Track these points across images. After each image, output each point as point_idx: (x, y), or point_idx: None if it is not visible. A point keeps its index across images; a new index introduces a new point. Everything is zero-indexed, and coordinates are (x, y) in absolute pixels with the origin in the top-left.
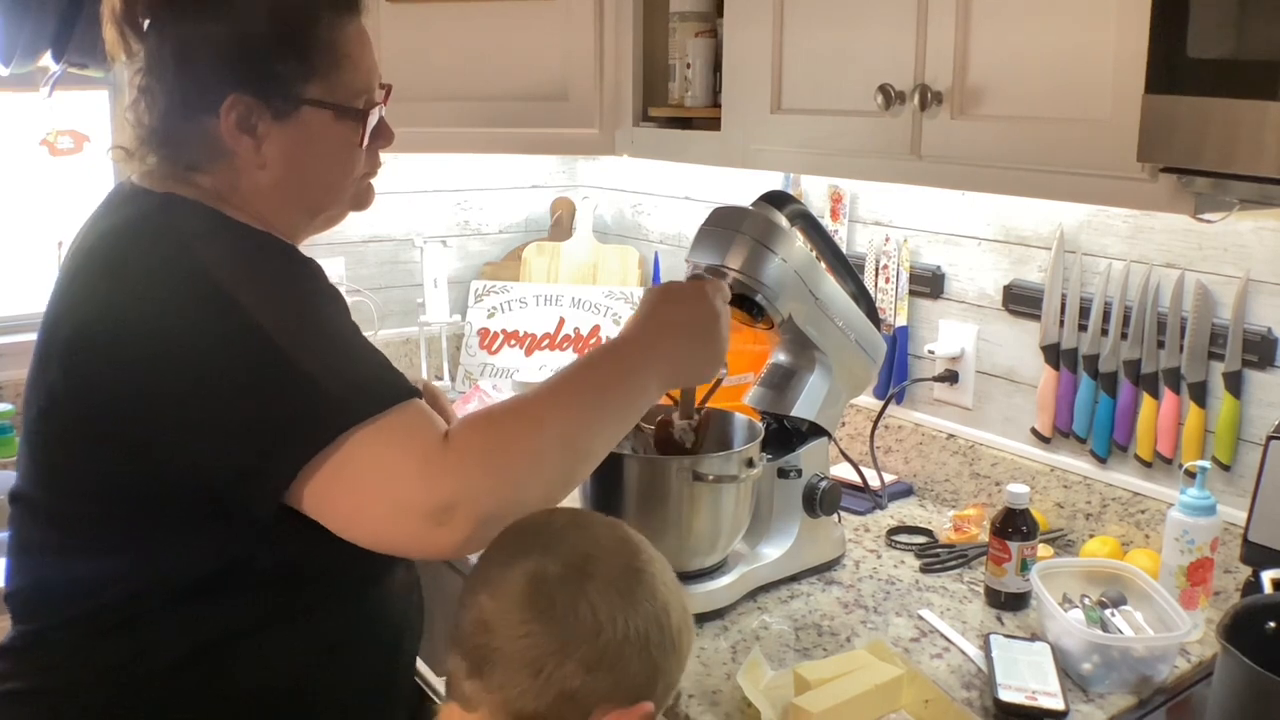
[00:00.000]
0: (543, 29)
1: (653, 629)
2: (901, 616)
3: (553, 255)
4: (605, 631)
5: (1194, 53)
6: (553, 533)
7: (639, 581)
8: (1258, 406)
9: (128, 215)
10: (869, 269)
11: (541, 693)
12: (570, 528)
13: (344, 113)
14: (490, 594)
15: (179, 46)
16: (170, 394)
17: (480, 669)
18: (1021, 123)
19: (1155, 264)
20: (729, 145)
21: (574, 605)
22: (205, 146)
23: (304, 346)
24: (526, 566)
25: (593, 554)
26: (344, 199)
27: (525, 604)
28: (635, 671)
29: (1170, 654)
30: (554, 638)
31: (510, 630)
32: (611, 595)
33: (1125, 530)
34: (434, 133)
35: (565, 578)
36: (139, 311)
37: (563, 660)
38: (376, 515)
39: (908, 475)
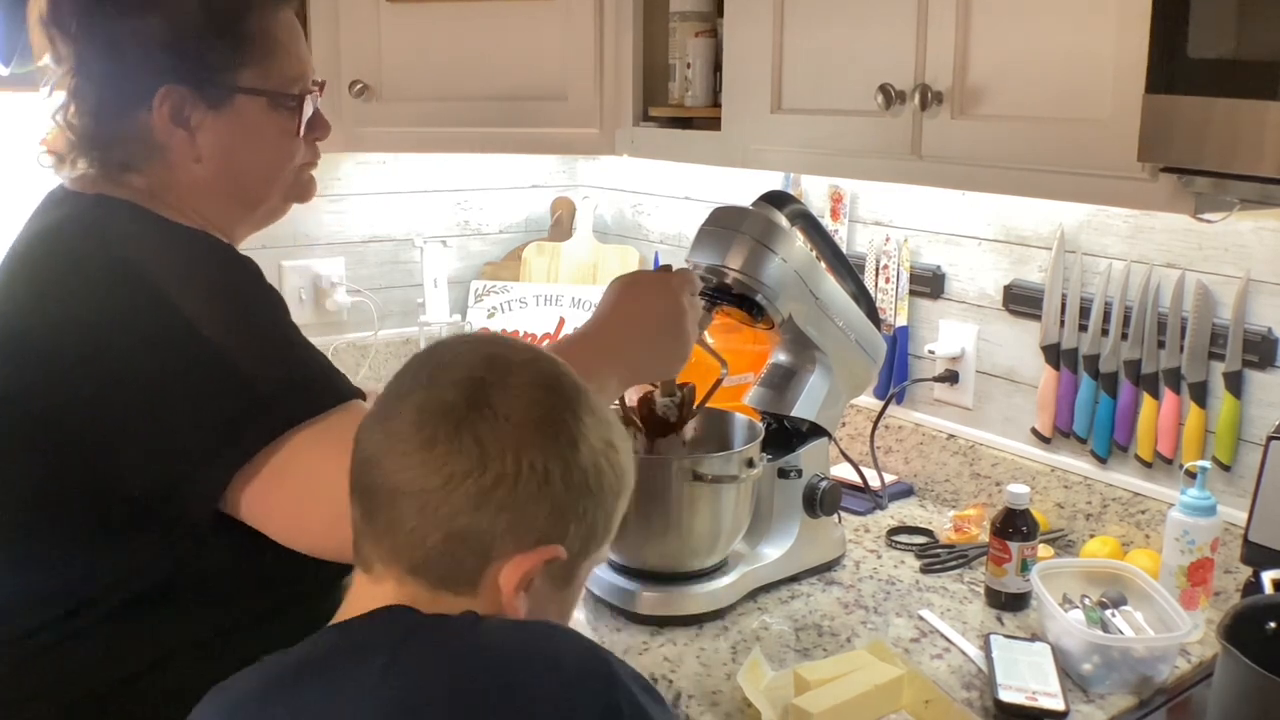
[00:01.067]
0: (542, 29)
1: (554, 464)
2: (902, 617)
3: (553, 255)
4: (494, 465)
5: (1194, 53)
6: (457, 361)
7: (545, 413)
8: (1258, 407)
9: (59, 218)
10: (869, 269)
11: (428, 533)
12: (474, 355)
13: (279, 100)
14: (381, 426)
15: (109, 41)
16: (102, 397)
17: (370, 513)
18: (1022, 123)
19: (1155, 264)
20: (729, 145)
21: (457, 435)
22: (138, 144)
23: (240, 347)
24: (418, 397)
25: (491, 382)
26: (282, 191)
27: (410, 434)
28: (534, 512)
29: (1170, 654)
30: (436, 470)
31: (393, 462)
32: (504, 426)
33: (1125, 530)
34: (434, 133)
35: (455, 406)
36: (70, 314)
37: (447, 495)
38: (316, 521)
39: (908, 475)
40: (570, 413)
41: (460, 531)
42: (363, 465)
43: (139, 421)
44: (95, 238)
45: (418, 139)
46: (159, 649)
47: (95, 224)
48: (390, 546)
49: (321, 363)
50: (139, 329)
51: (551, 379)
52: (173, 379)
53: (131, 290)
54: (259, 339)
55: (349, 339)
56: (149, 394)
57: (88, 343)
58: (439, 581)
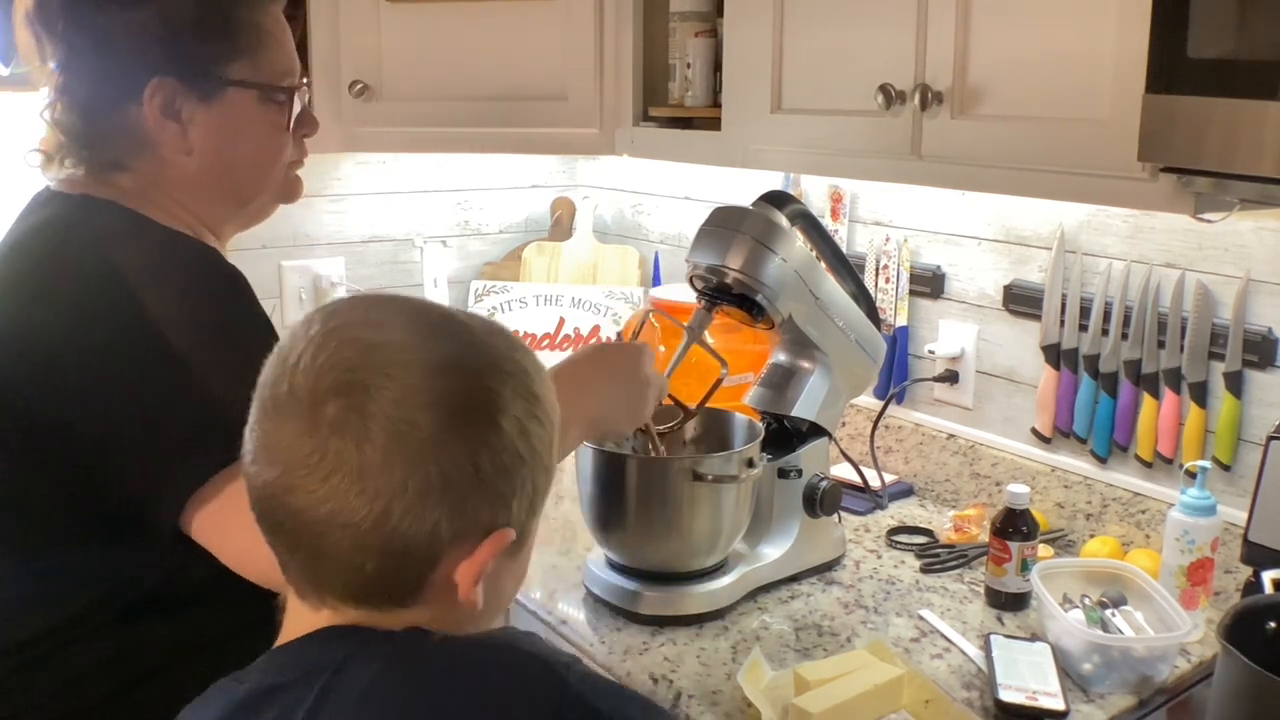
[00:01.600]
0: (542, 29)
1: (482, 454)
2: (902, 617)
3: (553, 255)
4: (416, 477)
5: (1194, 53)
6: (336, 360)
7: (454, 405)
8: (1258, 406)
9: (43, 218)
10: (869, 269)
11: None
12: (351, 348)
13: (269, 93)
14: (272, 448)
15: (99, 36)
16: (76, 404)
17: (292, 547)
18: (1022, 123)
19: (1155, 264)
20: (729, 145)
21: (366, 453)
22: (128, 140)
23: (211, 365)
24: (304, 408)
25: (376, 385)
26: (271, 187)
27: (313, 459)
28: (475, 506)
29: (1170, 654)
30: (356, 496)
31: (304, 497)
32: (412, 433)
33: (1125, 530)
34: (434, 133)
35: (349, 420)
36: (50, 317)
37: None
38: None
39: (908, 475)
40: (481, 392)
41: (399, 550)
42: (268, 498)
43: (108, 432)
44: (78, 240)
45: (418, 139)
46: (153, 658)
47: (79, 225)
48: (323, 576)
49: None
50: (112, 337)
51: (447, 361)
52: (141, 391)
53: (110, 297)
54: (231, 358)
55: None
56: (117, 405)
57: (65, 348)
58: (383, 599)
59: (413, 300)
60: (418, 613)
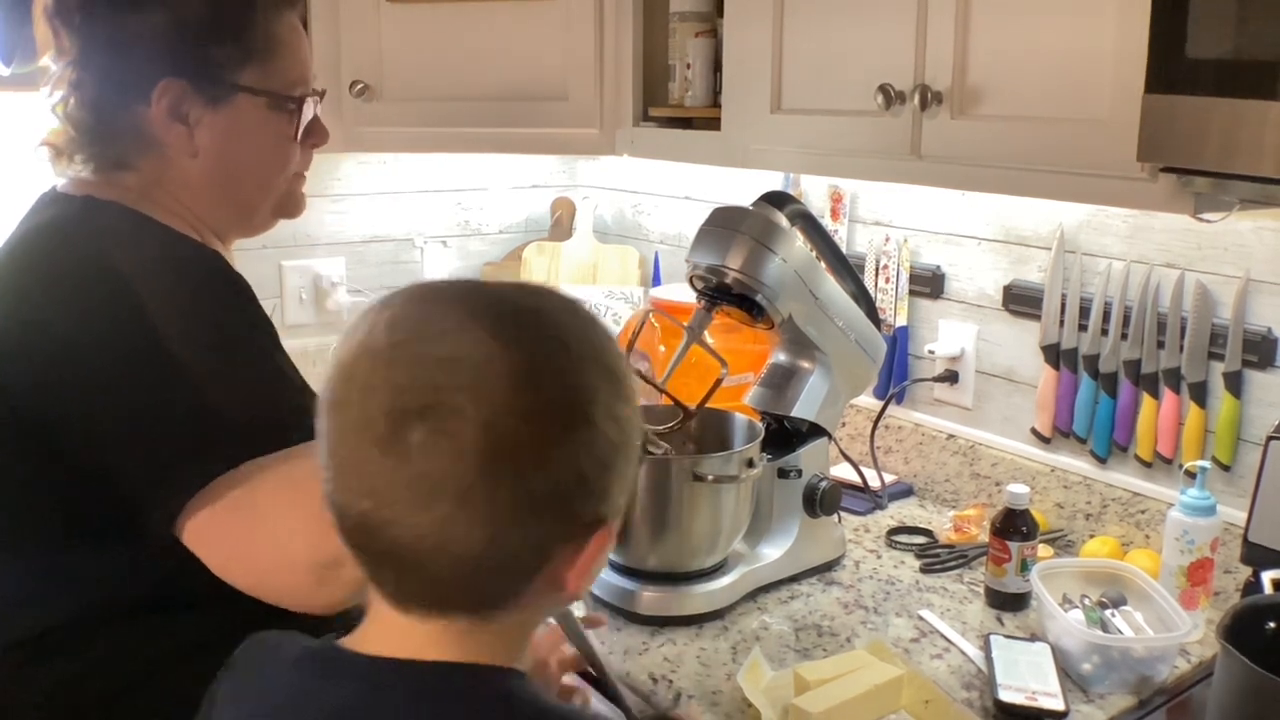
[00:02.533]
0: (543, 29)
1: (585, 460)
2: (901, 617)
3: (553, 255)
4: (524, 491)
5: (1194, 53)
6: (418, 380)
7: (553, 414)
8: (1258, 406)
9: (45, 219)
10: (869, 269)
11: (471, 577)
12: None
13: (278, 102)
14: (366, 476)
15: (113, 33)
16: (71, 404)
17: (392, 571)
18: (1021, 123)
19: (1155, 264)
20: (729, 145)
21: (454, 471)
22: (135, 138)
23: (212, 372)
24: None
25: (456, 405)
26: (275, 196)
27: (416, 486)
28: (579, 510)
29: (1170, 654)
30: (464, 523)
31: (406, 529)
32: (518, 448)
33: (1125, 530)
34: (434, 133)
35: (433, 434)
36: (50, 317)
37: (486, 545)
38: (260, 562)
39: (908, 475)
40: (570, 393)
41: (506, 565)
42: (365, 530)
43: (105, 435)
44: (80, 241)
45: (418, 139)
46: (150, 660)
47: (81, 226)
48: (423, 595)
49: (294, 399)
50: (112, 340)
51: (531, 366)
52: (140, 395)
53: (109, 299)
54: (232, 366)
55: None
56: (114, 408)
57: (64, 349)
58: (490, 606)
59: (473, 294)
60: (516, 614)
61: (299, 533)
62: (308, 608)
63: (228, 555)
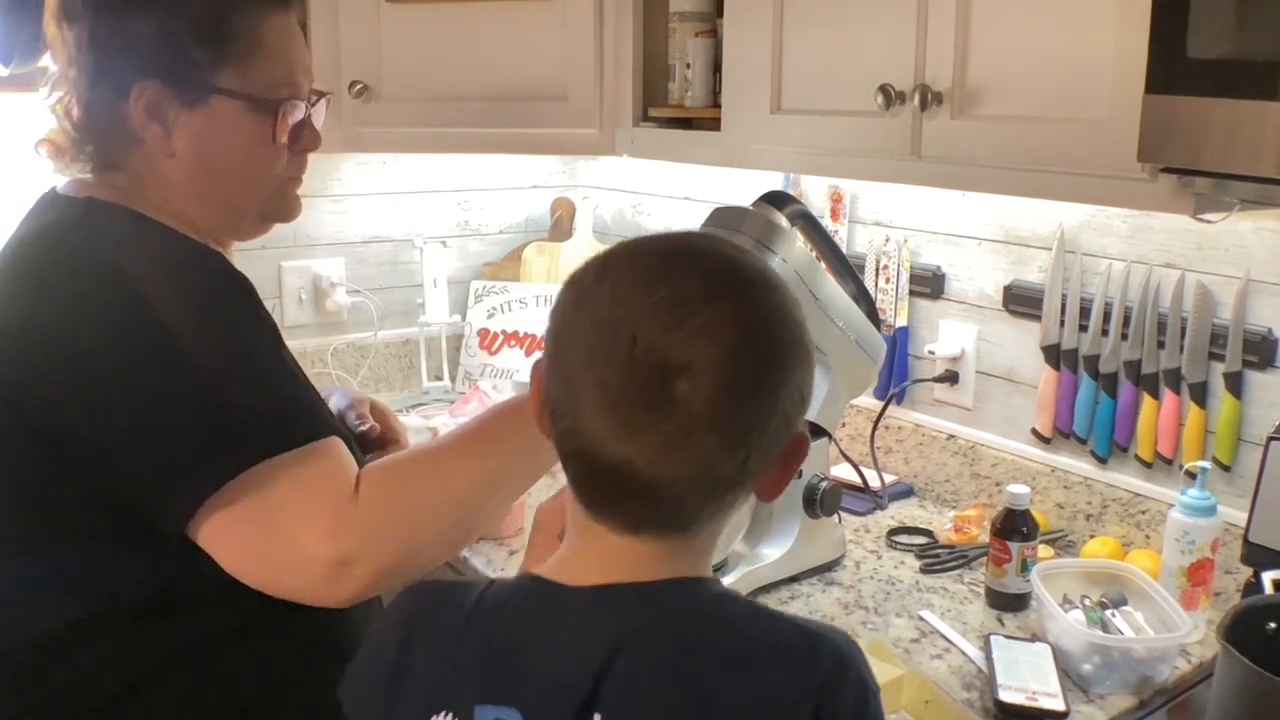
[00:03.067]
0: (542, 29)
1: (806, 379)
2: (902, 617)
3: (553, 255)
4: (755, 424)
5: (1194, 53)
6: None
7: (777, 348)
8: (1258, 407)
9: (49, 221)
10: (869, 269)
11: (701, 504)
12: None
13: (257, 105)
14: (607, 411)
15: (95, 33)
16: (81, 406)
17: (620, 499)
18: (1021, 123)
19: (1155, 264)
20: (729, 145)
21: (715, 415)
22: (121, 138)
23: (223, 371)
24: (639, 374)
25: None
26: (264, 200)
27: (655, 422)
28: (785, 432)
29: (1171, 655)
30: (706, 457)
31: (651, 467)
32: (756, 388)
33: (1126, 531)
34: (434, 133)
35: (694, 383)
36: (56, 321)
37: (716, 473)
38: (274, 560)
39: (908, 476)
40: (794, 327)
41: (737, 487)
42: (622, 472)
43: (113, 435)
44: (84, 242)
45: (418, 139)
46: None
47: (84, 229)
48: (649, 519)
49: (300, 395)
50: (121, 343)
51: (759, 309)
52: (151, 398)
53: (117, 301)
54: (243, 365)
55: (349, 339)
56: (131, 410)
57: (72, 353)
58: (707, 521)
59: (671, 255)
60: (720, 526)
61: (313, 531)
62: (322, 603)
63: (243, 555)
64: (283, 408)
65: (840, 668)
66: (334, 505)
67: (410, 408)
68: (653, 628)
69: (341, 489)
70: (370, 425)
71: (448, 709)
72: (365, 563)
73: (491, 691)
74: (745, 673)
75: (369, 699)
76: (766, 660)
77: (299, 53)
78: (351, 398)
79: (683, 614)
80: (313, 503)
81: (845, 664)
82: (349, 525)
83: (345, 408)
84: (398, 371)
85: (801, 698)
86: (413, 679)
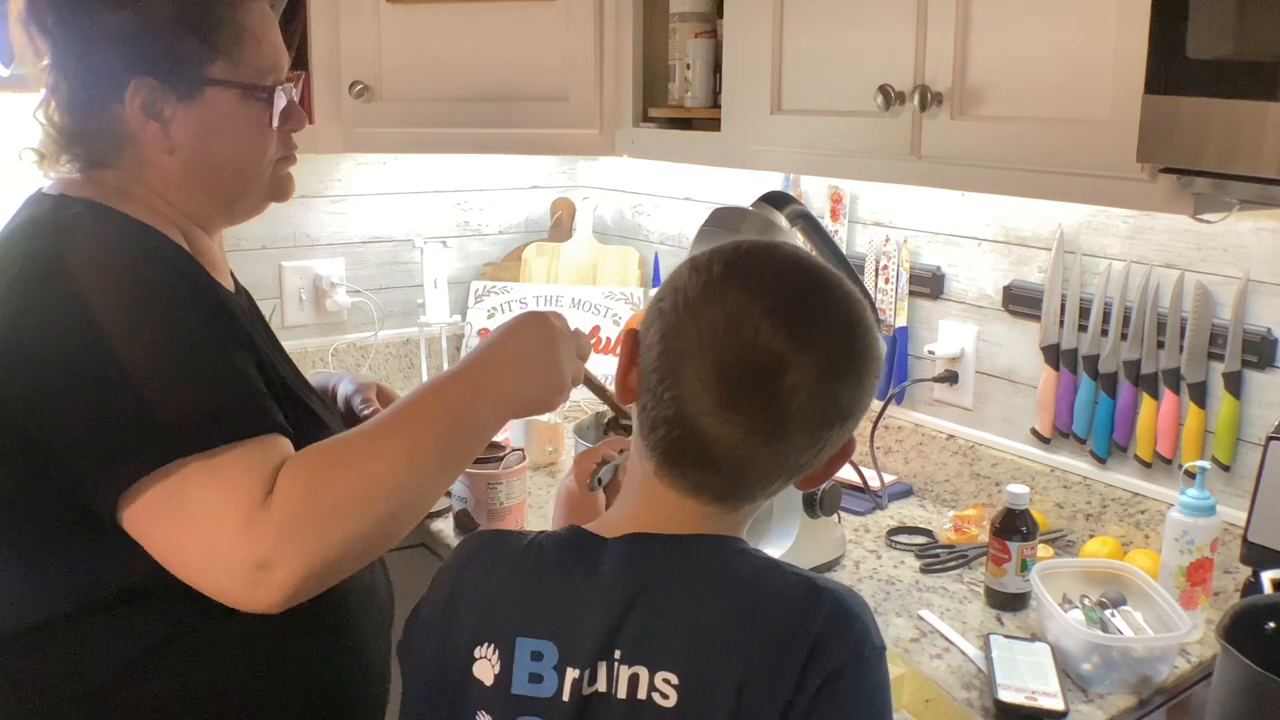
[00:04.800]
0: (543, 29)
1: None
2: (901, 617)
3: (553, 256)
4: (835, 420)
5: (1194, 53)
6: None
7: (857, 351)
8: (1257, 407)
9: (21, 219)
10: (869, 269)
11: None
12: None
13: (250, 92)
14: (708, 391)
15: (83, 36)
16: (28, 402)
17: (702, 465)
18: (1021, 123)
19: (1155, 264)
20: (729, 146)
21: (799, 403)
22: (112, 137)
23: (148, 367)
24: (738, 356)
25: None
26: (259, 184)
27: (754, 408)
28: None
29: (1170, 654)
30: (789, 441)
31: (743, 447)
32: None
33: (1125, 531)
34: (434, 133)
35: (799, 377)
36: (11, 316)
37: (797, 455)
38: (191, 560)
39: (908, 476)
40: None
41: (792, 472)
42: (699, 430)
43: (51, 432)
44: (42, 239)
45: (418, 140)
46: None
47: (46, 225)
48: (713, 486)
49: (239, 391)
50: (58, 337)
51: (843, 313)
52: (78, 392)
53: (60, 297)
54: (171, 361)
55: (349, 339)
56: (59, 404)
57: (19, 347)
58: (760, 497)
59: (792, 263)
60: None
61: (223, 533)
62: (251, 608)
63: (161, 551)
64: (205, 407)
65: (842, 616)
66: (244, 506)
67: None
68: (674, 575)
69: (255, 489)
70: (375, 409)
71: (491, 641)
72: (285, 564)
73: (531, 627)
74: (747, 617)
75: (425, 638)
76: (768, 607)
77: (278, 36)
78: (358, 383)
79: (703, 564)
80: (227, 503)
81: (848, 615)
82: (260, 525)
83: (352, 392)
84: (398, 372)
85: (795, 639)
86: (461, 618)
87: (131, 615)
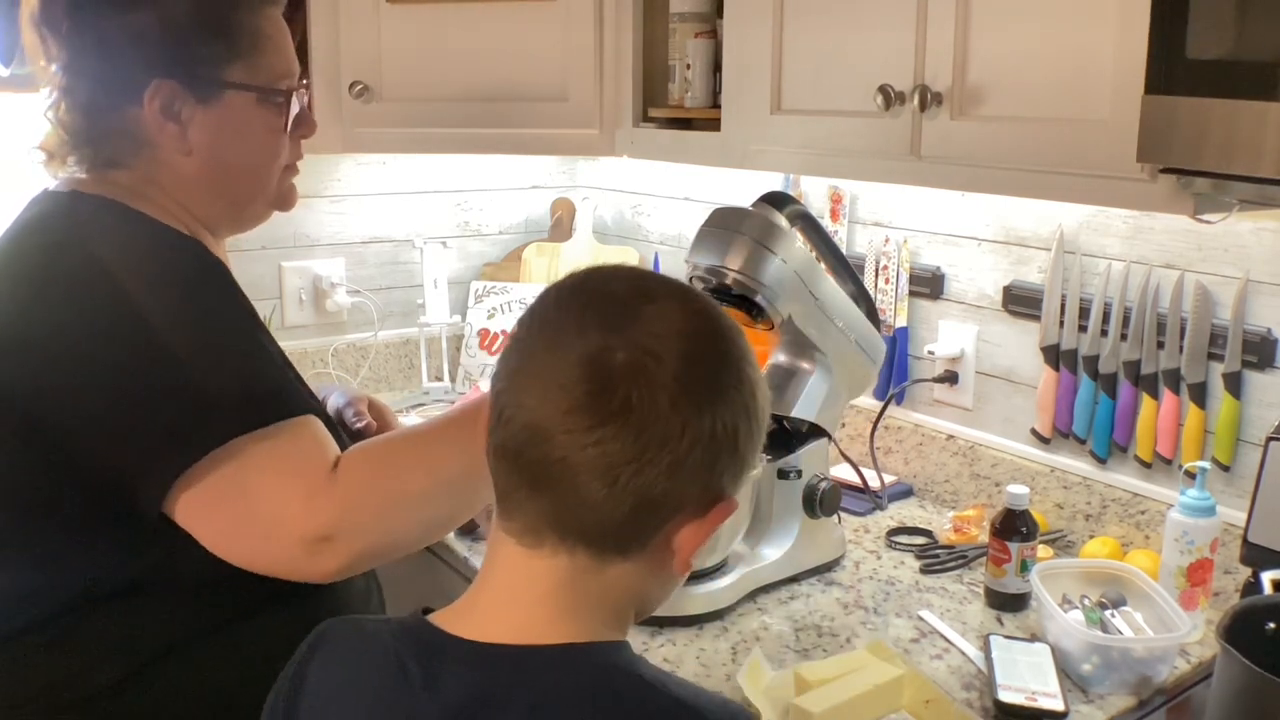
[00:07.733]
0: (543, 29)
1: (741, 420)
2: (901, 617)
3: (553, 256)
4: (690, 429)
5: (1193, 53)
6: (613, 304)
7: (725, 364)
8: (1257, 407)
9: (33, 215)
10: (869, 270)
11: (619, 504)
12: (635, 298)
13: (267, 95)
14: (540, 390)
15: (101, 37)
16: (60, 390)
17: (538, 485)
18: (1021, 123)
19: (1155, 264)
20: (729, 146)
21: (652, 401)
22: (128, 139)
23: (194, 351)
24: (584, 350)
25: (664, 333)
26: (268, 189)
27: (585, 402)
28: (721, 470)
29: (1170, 655)
30: (629, 443)
31: (571, 438)
32: (696, 386)
33: (1125, 531)
34: (434, 133)
35: (636, 367)
36: (35, 307)
37: (641, 467)
38: (251, 535)
39: (908, 476)
40: (745, 358)
41: (654, 499)
42: (525, 437)
43: (93, 417)
44: (63, 232)
45: (417, 140)
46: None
47: (65, 219)
48: (565, 517)
49: (277, 375)
50: (96, 325)
51: (718, 317)
52: (126, 377)
53: (92, 286)
54: (215, 344)
55: (349, 339)
56: (103, 391)
57: (52, 337)
58: (613, 547)
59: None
60: (631, 567)
61: (288, 505)
62: (303, 578)
63: (218, 531)
64: (255, 387)
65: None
66: (309, 479)
67: (410, 408)
68: (511, 703)
69: (317, 463)
70: (368, 422)
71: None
72: (344, 538)
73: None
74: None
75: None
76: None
77: (290, 42)
78: (350, 395)
79: (564, 699)
80: (287, 477)
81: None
82: (325, 498)
83: (343, 405)
84: (398, 372)
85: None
86: (300, 716)
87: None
